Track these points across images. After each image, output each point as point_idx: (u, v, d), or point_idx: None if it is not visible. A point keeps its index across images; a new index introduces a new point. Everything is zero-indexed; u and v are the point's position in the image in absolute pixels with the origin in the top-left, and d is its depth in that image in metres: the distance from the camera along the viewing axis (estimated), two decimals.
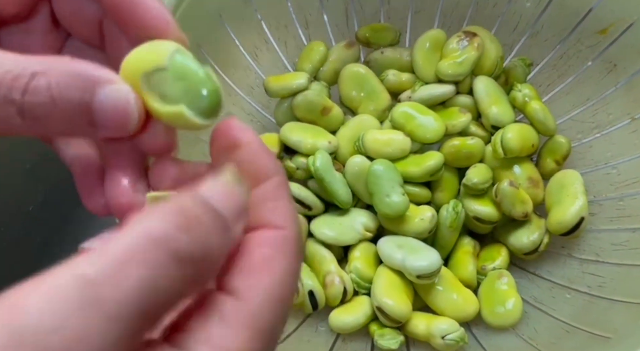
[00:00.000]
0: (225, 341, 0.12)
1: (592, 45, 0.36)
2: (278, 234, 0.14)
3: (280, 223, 0.15)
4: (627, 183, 0.34)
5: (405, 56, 0.39)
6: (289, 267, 0.14)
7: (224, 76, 0.37)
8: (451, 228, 0.34)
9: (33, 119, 0.14)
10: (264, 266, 0.14)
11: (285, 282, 0.14)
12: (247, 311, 0.13)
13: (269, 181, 0.15)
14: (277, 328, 0.13)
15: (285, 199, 0.15)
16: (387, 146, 0.35)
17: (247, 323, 0.13)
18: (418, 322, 0.32)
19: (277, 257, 0.14)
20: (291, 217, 0.15)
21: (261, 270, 0.14)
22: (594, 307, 0.31)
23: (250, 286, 0.13)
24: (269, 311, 0.13)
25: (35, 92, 0.14)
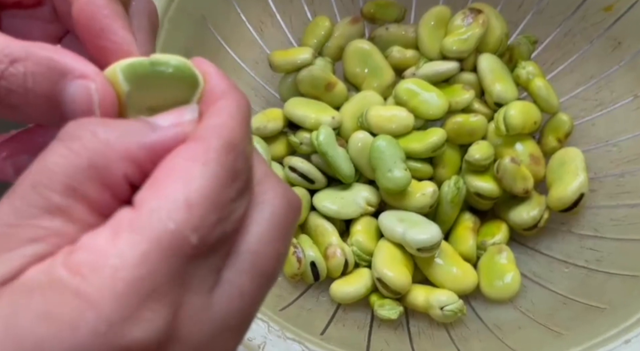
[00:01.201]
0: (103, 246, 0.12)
1: (597, 22, 0.36)
2: (194, 145, 0.13)
3: (202, 134, 0.13)
4: (628, 159, 0.35)
5: (410, 33, 0.39)
6: (202, 172, 0.12)
7: (228, 50, 0.38)
8: (452, 203, 0.35)
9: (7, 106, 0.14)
10: (169, 174, 0.13)
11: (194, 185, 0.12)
12: (137, 217, 0.12)
13: (217, 102, 0.14)
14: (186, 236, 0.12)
15: (224, 115, 0.14)
16: (390, 122, 0.35)
17: (133, 228, 0.12)
18: (417, 294, 0.33)
19: (184, 164, 0.13)
20: (218, 129, 0.13)
21: (165, 179, 0.13)
22: (591, 280, 0.32)
23: (150, 196, 0.12)
24: (166, 215, 0.12)
25: (10, 79, 0.14)
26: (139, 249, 0.11)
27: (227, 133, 0.13)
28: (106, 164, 0.13)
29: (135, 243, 0.12)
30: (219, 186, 0.13)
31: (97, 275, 0.11)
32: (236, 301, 0.13)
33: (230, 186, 0.13)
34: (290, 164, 0.35)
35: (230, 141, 0.13)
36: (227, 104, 0.14)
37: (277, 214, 0.14)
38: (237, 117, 0.14)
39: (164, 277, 0.12)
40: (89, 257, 0.11)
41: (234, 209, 0.13)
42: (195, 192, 0.12)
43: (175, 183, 0.12)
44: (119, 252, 0.11)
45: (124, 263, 0.11)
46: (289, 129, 0.37)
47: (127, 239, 0.12)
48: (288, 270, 0.33)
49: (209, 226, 0.12)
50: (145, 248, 0.11)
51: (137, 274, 0.11)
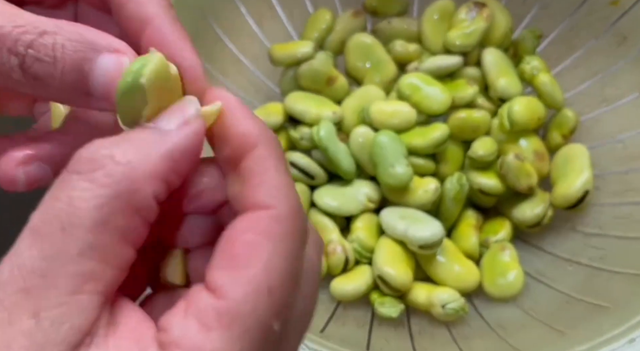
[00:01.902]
0: (199, 342, 0.11)
1: (603, 17, 0.36)
2: (263, 215, 0.13)
3: (266, 201, 0.13)
4: (633, 156, 0.34)
5: (412, 26, 0.39)
6: (279, 250, 0.12)
7: (228, 43, 0.37)
8: (455, 200, 0.34)
9: (32, 77, 0.14)
10: (246, 255, 0.12)
11: (274, 268, 0.12)
12: (226, 309, 0.12)
13: (253, 151, 0.13)
14: (271, 325, 0.12)
15: (271, 172, 0.13)
16: (393, 117, 0.35)
17: (225, 323, 0.12)
18: (419, 291, 0.32)
19: (262, 242, 0.12)
20: (279, 191, 0.13)
21: (243, 260, 0.12)
22: (595, 279, 0.32)
23: (231, 281, 0.12)
24: (253, 306, 0.12)
25: (39, 48, 0.14)
26: (236, 347, 0.11)
27: (289, 198, 0.13)
28: (135, 189, 0.12)
29: (230, 341, 0.12)
30: (293, 262, 0.13)
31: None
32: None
33: (300, 253, 0.13)
34: (291, 159, 0.35)
35: (292, 204, 0.13)
36: (271, 157, 0.13)
37: (314, 269, 0.14)
38: (284, 171, 0.14)
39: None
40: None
41: (300, 274, 0.13)
42: (275, 276, 0.12)
43: (256, 266, 0.12)
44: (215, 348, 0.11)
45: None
46: (289, 124, 0.37)
47: (222, 337, 0.12)
48: None
49: (287, 307, 0.13)
50: (240, 346, 0.12)
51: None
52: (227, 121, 0.14)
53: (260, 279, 0.12)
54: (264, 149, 0.13)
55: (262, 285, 0.12)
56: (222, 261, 0.12)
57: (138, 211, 0.12)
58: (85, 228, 0.12)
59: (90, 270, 0.11)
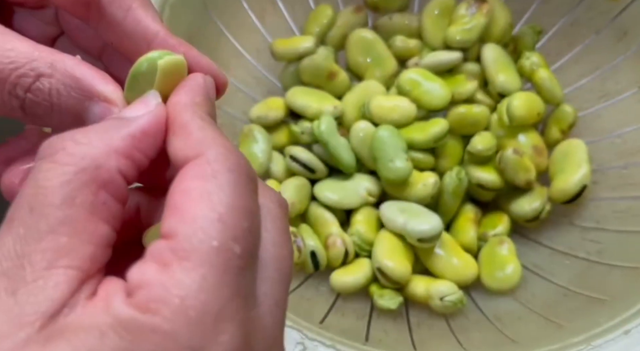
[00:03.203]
0: (160, 280, 0.12)
1: (603, 12, 0.36)
2: (193, 163, 0.13)
3: (194, 151, 0.13)
4: (631, 151, 0.34)
5: (413, 22, 0.39)
6: (216, 184, 0.12)
7: (230, 38, 0.37)
8: (454, 194, 0.35)
9: (33, 115, 0.15)
10: (186, 199, 0.12)
11: (217, 199, 0.12)
12: (180, 245, 0.12)
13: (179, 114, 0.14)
14: (226, 244, 0.12)
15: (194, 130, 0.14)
16: (393, 112, 0.35)
17: (181, 255, 0.12)
18: (417, 284, 0.33)
19: (197, 184, 0.12)
20: (202, 141, 0.13)
21: (185, 204, 0.12)
22: (592, 272, 0.32)
23: (178, 223, 0.12)
24: (205, 234, 0.12)
25: (36, 93, 0.14)
26: (197, 274, 0.12)
27: (215, 142, 0.13)
28: (97, 165, 0.13)
29: (189, 270, 0.12)
30: (237, 192, 0.13)
31: (167, 308, 0.11)
32: (275, 311, 0.13)
33: (246, 188, 0.13)
34: (292, 153, 0.35)
35: (224, 147, 0.13)
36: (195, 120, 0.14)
37: (277, 217, 0.14)
38: (208, 127, 0.14)
39: (226, 295, 0.12)
40: (151, 293, 0.11)
41: (256, 210, 0.13)
42: (220, 205, 0.12)
43: (197, 203, 0.12)
44: (178, 282, 0.11)
45: (188, 291, 0.11)
46: (290, 119, 0.37)
47: (180, 268, 0.12)
48: None
49: (245, 233, 0.12)
50: (201, 272, 0.12)
51: (204, 299, 0.11)
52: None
53: (204, 211, 0.12)
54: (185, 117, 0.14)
55: (208, 215, 0.12)
56: (168, 213, 0.13)
57: (104, 186, 0.13)
58: (53, 205, 0.12)
59: (63, 245, 0.12)
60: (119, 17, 0.16)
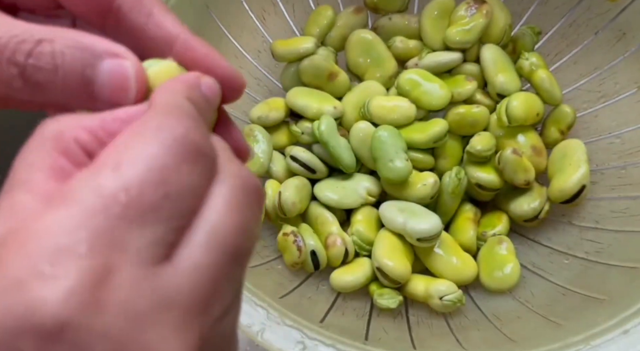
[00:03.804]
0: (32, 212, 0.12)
1: (602, 13, 0.36)
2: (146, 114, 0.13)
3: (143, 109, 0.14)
4: (630, 151, 0.34)
5: (413, 23, 0.39)
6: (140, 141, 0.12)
7: (231, 38, 0.38)
8: (453, 194, 0.35)
9: (34, 85, 0.14)
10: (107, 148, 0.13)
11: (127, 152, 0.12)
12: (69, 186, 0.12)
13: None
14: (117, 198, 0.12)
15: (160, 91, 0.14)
16: (392, 112, 0.35)
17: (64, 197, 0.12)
18: (417, 283, 0.33)
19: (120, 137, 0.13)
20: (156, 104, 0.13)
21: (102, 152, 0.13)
22: (591, 272, 0.32)
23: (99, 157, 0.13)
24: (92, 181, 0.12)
25: (39, 57, 0.14)
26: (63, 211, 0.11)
27: (179, 112, 0.13)
28: (57, 133, 0.13)
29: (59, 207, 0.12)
30: (158, 153, 0.12)
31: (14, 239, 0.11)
32: (189, 276, 0.12)
33: (176, 155, 0.13)
34: (292, 153, 0.35)
35: (172, 109, 0.13)
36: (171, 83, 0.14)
37: (234, 190, 0.14)
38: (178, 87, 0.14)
39: (84, 234, 0.11)
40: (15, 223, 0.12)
41: (181, 179, 0.13)
42: (127, 156, 0.12)
43: (108, 152, 0.13)
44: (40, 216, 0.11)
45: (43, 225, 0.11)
46: (290, 119, 0.37)
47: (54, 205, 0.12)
48: (288, 259, 0.33)
49: (143, 188, 0.12)
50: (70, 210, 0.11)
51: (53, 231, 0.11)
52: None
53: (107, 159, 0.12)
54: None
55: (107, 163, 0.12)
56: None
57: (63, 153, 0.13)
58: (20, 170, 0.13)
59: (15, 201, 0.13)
60: (141, 23, 0.16)
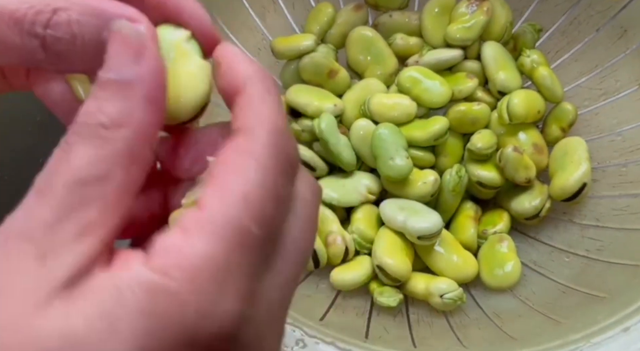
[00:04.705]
0: (178, 245, 0.12)
1: (603, 10, 0.36)
2: (241, 137, 0.13)
3: (245, 124, 0.14)
4: (631, 149, 0.34)
5: (413, 20, 0.39)
6: (254, 163, 0.13)
7: (231, 36, 0.37)
8: (454, 192, 0.35)
9: (55, 54, 0.15)
10: (222, 172, 0.13)
11: (249, 177, 0.13)
12: (204, 216, 0.12)
13: (244, 89, 0.14)
14: (249, 228, 0.12)
15: (255, 101, 0.14)
16: (393, 110, 0.35)
17: (201, 225, 0.12)
18: (417, 281, 0.33)
19: (237, 159, 0.13)
20: (257, 116, 0.14)
21: (220, 177, 0.13)
22: (591, 269, 0.32)
23: (209, 195, 0.13)
24: (227, 209, 0.12)
25: (56, 27, 0.14)
26: (210, 242, 0.12)
27: (269, 121, 0.14)
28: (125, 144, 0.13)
29: (206, 239, 0.12)
30: (272, 176, 0.13)
31: (178, 271, 0.12)
32: (281, 289, 0.14)
33: (283, 174, 0.13)
34: None
35: (271, 127, 0.14)
36: (258, 89, 0.14)
37: (309, 203, 0.15)
38: (271, 100, 0.14)
39: (233, 269, 0.12)
40: (171, 258, 0.12)
41: (287, 197, 0.14)
42: (251, 184, 0.13)
43: (232, 178, 0.13)
44: (192, 247, 0.12)
45: (199, 259, 0.12)
46: (291, 117, 0.37)
47: (198, 236, 0.12)
48: None
49: (268, 215, 0.13)
50: (215, 247, 0.12)
51: (212, 268, 0.12)
52: (224, 65, 0.15)
53: (234, 187, 0.13)
54: (251, 86, 0.14)
55: (236, 192, 0.13)
56: (209, 182, 0.13)
57: (135, 163, 0.13)
58: (86, 183, 0.13)
59: (94, 219, 0.12)
60: None
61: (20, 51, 0.14)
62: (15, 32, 0.14)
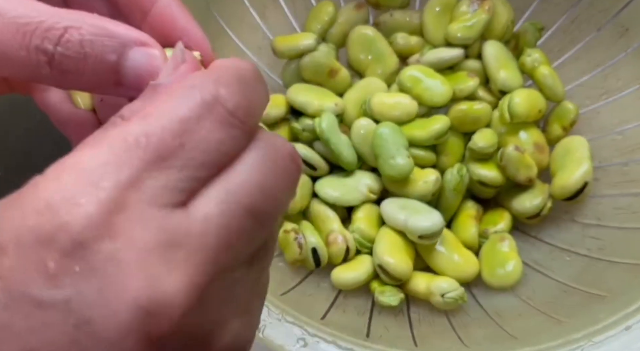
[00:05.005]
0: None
1: (605, 9, 0.36)
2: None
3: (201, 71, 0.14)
4: (633, 148, 0.34)
5: (414, 19, 0.39)
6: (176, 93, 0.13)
7: (231, 35, 0.37)
8: (455, 191, 0.35)
9: (61, 72, 0.14)
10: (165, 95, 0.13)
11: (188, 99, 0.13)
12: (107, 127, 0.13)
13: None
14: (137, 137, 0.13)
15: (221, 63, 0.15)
16: (394, 109, 0.35)
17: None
18: (418, 281, 0.33)
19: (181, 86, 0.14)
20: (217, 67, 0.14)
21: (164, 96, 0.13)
22: (592, 268, 0.32)
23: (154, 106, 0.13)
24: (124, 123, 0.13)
25: (67, 45, 0.14)
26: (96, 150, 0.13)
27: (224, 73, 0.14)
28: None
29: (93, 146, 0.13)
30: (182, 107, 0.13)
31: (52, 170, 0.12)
32: (200, 223, 0.13)
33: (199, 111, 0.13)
34: None
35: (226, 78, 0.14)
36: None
37: (263, 156, 0.14)
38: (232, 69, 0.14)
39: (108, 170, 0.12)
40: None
41: (202, 133, 0.13)
42: (156, 108, 0.13)
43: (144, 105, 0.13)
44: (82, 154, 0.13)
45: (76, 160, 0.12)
46: (291, 116, 0.37)
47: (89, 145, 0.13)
48: (289, 256, 0.33)
49: (162, 135, 0.13)
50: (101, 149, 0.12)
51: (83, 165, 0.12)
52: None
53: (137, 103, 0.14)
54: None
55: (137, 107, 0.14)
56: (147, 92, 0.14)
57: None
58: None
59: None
60: None
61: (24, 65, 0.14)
62: (23, 46, 0.14)
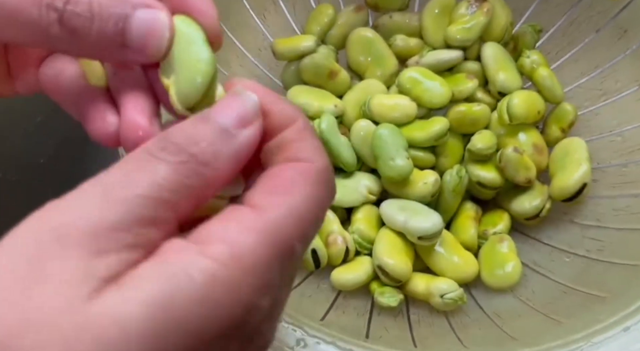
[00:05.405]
0: (239, 239, 0.13)
1: (603, 10, 0.36)
2: (306, 165, 0.15)
3: (307, 157, 0.15)
4: (631, 149, 0.34)
5: (413, 21, 0.39)
6: (316, 194, 0.14)
7: (231, 37, 0.37)
8: (454, 192, 0.35)
9: (71, 31, 0.15)
10: (288, 187, 0.14)
11: (310, 206, 0.14)
12: (265, 220, 0.14)
13: (293, 125, 0.16)
14: (295, 245, 0.14)
15: (310, 138, 0.16)
16: (393, 110, 0.35)
17: (263, 228, 0.13)
18: (418, 282, 0.33)
19: (302, 181, 0.15)
20: (318, 152, 0.15)
21: (286, 191, 0.14)
22: (592, 269, 0.32)
23: (272, 203, 0.14)
24: (287, 226, 0.14)
25: (76, 3, 0.15)
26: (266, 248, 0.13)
27: (323, 155, 0.16)
28: (204, 185, 0.14)
29: (262, 243, 0.13)
30: (320, 205, 0.15)
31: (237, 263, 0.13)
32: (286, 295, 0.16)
33: (327, 204, 0.15)
34: None
35: (327, 163, 0.16)
36: (305, 126, 0.16)
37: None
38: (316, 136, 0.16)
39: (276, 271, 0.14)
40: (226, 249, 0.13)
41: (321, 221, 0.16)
42: (306, 208, 0.14)
43: (293, 195, 0.14)
44: (252, 248, 0.13)
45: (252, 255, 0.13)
46: None
47: (257, 238, 0.13)
48: None
49: (309, 238, 0.15)
50: (269, 252, 0.13)
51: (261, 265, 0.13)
52: (264, 102, 0.16)
53: (295, 206, 0.14)
54: (302, 122, 0.16)
55: (295, 212, 0.14)
56: (264, 188, 0.15)
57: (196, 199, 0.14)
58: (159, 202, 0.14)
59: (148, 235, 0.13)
60: None
61: (35, 26, 0.15)
62: (35, 3, 0.14)
